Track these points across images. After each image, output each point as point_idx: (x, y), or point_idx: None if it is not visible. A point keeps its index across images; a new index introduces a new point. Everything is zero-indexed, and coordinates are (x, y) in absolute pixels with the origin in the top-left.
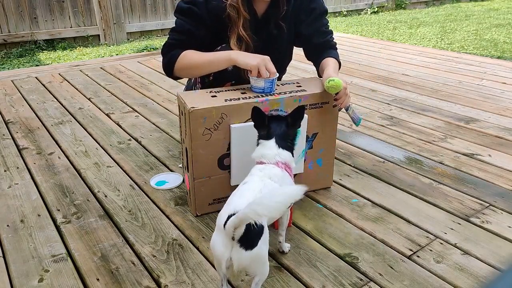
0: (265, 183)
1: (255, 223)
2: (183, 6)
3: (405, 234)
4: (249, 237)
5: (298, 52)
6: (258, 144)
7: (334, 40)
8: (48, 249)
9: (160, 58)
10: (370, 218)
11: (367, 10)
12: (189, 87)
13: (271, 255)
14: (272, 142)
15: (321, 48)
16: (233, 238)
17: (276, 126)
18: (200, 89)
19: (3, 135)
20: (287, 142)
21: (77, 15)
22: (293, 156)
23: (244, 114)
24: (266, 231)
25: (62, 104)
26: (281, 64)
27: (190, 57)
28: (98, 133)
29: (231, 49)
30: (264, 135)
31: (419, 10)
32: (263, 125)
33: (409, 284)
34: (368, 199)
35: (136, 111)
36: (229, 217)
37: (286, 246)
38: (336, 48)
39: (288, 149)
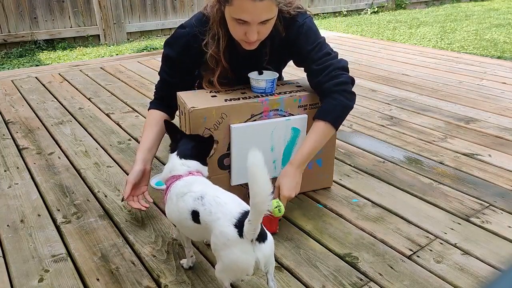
0: (207, 182)
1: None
2: (164, 50)
3: (405, 234)
4: (262, 229)
5: None
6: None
7: (331, 81)
8: (48, 249)
9: (160, 58)
10: (370, 218)
11: (367, 10)
12: None
13: None
14: (174, 155)
15: (317, 91)
16: (252, 241)
17: (185, 142)
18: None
19: (3, 135)
20: (189, 154)
21: (77, 15)
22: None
23: (244, 114)
24: None
25: (62, 104)
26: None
27: (145, 124)
28: (98, 133)
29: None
30: (171, 150)
31: (419, 10)
32: (174, 139)
33: (409, 284)
34: (368, 199)
35: (136, 111)
36: (236, 226)
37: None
38: (336, 91)
39: (192, 157)
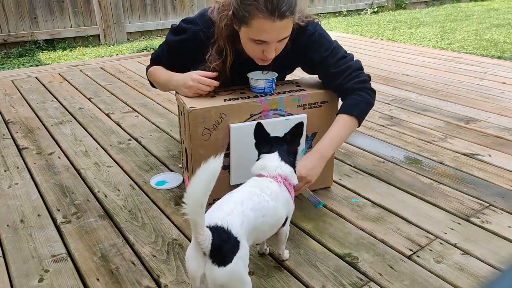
0: (252, 194)
1: (229, 237)
2: (170, 39)
3: (405, 234)
4: (222, 252)
5: None
6: (258, 159)
7: (352, 81)
8: (48, 249)
9: None
10: (370, 218)
11: (367, 10)
12: None
13: (270, 255)
14: (274, 155)
15: (338, 92)
16: (204, 254)
17: (278, 143)
18: None
19: (3, 135)
20: (290, 157)
21: (77, 15)
22: (295, 173)
23: (243, 114)
24: (244, 246)
25: (62, 104)
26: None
27: (155, 74)
28: (98, 133)
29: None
30: (266, 151)
31: (419, 10)
32: (265, 142)
33: (409, 284)
34: (368, 199)
35: (136, 111)
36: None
37: (286, 253)
38: (359, 89)
39: (290, 164)
